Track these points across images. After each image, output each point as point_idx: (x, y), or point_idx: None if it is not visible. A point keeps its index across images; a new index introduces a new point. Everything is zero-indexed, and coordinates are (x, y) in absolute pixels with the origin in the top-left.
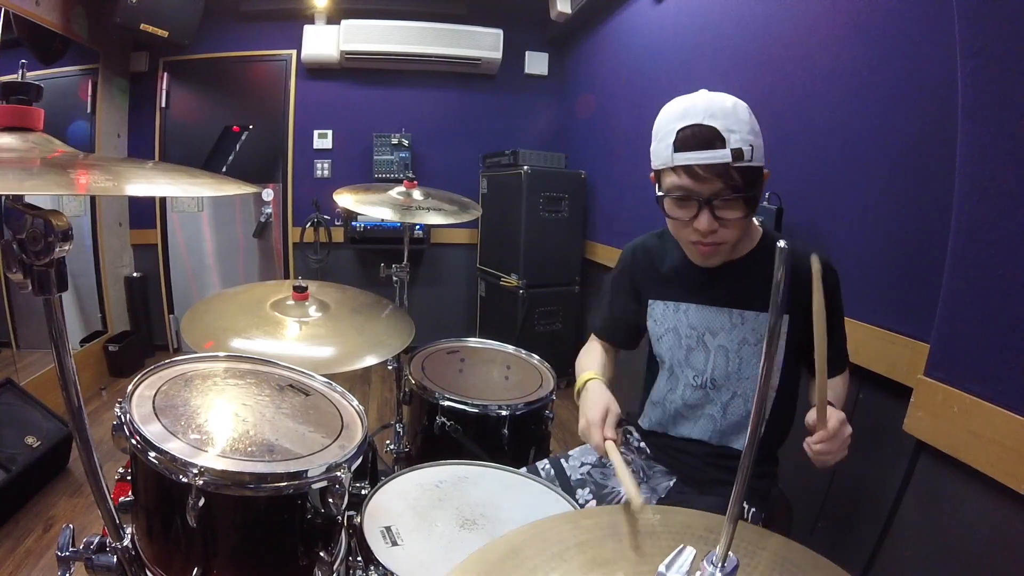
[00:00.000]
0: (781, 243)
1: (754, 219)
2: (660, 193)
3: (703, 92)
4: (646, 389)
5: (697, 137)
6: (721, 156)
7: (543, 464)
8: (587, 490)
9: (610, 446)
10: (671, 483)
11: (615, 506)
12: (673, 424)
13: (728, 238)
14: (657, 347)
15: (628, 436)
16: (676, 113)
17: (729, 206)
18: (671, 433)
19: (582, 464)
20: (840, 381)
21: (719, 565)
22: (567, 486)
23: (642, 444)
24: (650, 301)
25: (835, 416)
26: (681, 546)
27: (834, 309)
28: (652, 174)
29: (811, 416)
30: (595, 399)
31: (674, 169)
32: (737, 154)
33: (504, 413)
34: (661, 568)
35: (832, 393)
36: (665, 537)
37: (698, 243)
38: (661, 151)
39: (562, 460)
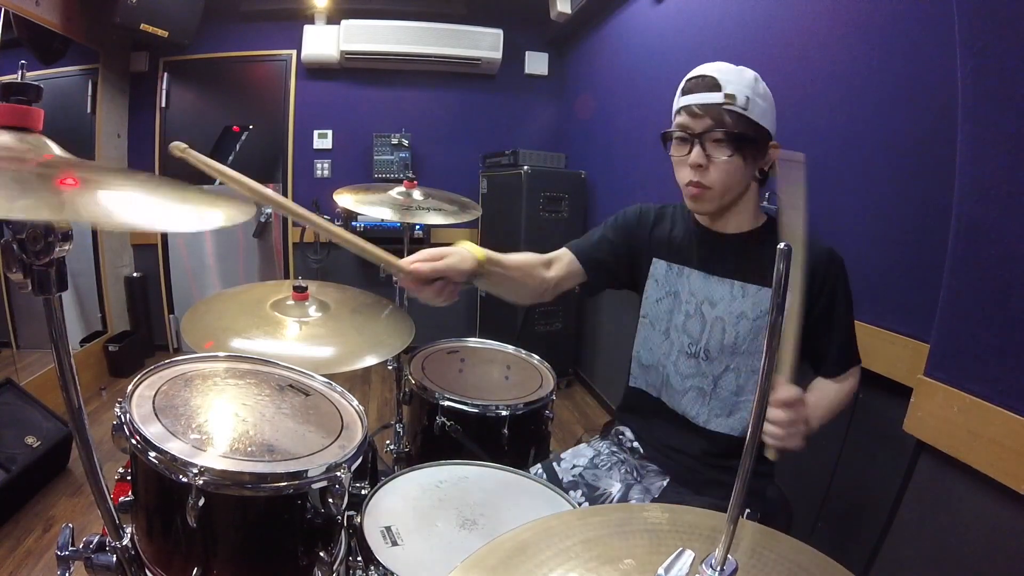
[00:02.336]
0: (782, 244)
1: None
2: (669, 129)
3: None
4: (635, 347)
5: (697, 83)
6: (714, 98)
7: (535, 469)
8: (579, 492)
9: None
10: (664, 483)
11: (622, 504)
12: (665, 390)
13: (714, 182)
14: (655, 309)
15: (620, 436)
16: (690, 72)
17: (718, 145)
18: (662, 398)
19: (573, 466)
20: (837, 384)
21: (718, 568)
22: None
23: (635, 444)
24: (654, 259)
25: (787, 389)
26: (680, 549)
27: (835, 300)
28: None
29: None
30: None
31: (678, 111)
32: (730, 98)
33: (504, 413)
34: (660, 571)
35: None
36: (672, 536)
37: (689, 184)
38: (675, 100)
39: (554, 464)
